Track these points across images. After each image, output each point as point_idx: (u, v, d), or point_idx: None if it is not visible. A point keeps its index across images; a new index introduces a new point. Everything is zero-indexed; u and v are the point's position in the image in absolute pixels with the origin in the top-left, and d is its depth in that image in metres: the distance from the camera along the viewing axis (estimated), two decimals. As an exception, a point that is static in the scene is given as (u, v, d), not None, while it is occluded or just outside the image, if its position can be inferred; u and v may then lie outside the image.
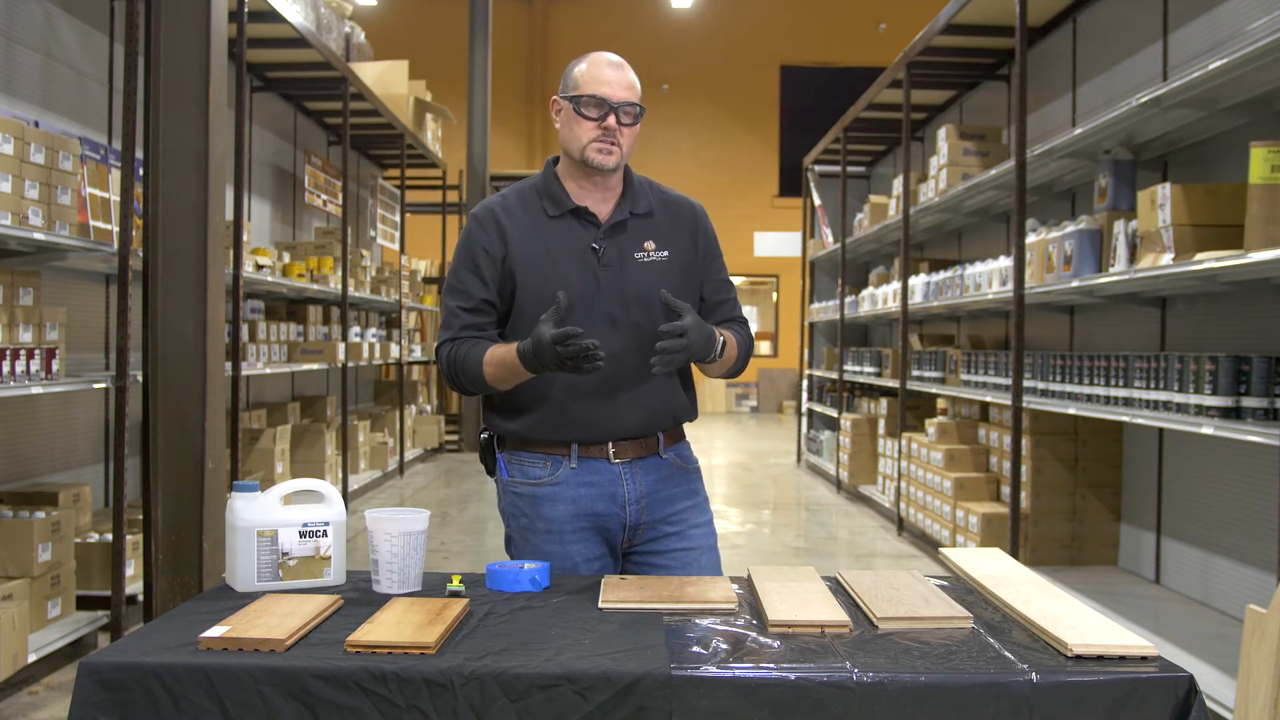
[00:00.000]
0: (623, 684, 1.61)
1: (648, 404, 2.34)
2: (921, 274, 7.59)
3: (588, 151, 2.27)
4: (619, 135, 2.27)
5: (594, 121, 2.25)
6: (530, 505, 2.35)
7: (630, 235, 2.34)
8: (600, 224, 2.32)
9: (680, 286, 2.34)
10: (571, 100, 2.27)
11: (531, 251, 2.30)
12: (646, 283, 2.31)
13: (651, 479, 2.36)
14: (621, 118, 2.26)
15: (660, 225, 2.37)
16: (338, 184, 9.05)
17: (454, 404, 13.32)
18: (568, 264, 2.28)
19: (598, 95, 2.25)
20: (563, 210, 2.32)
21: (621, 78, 2.28)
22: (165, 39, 4.42)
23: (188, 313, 4.43)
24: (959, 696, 1.60)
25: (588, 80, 2.27)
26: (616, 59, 2.32)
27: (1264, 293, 4.21)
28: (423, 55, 12.81)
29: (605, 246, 2.31)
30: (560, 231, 2.31)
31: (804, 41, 19.19)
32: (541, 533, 2.34)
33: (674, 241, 2.37)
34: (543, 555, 2.33)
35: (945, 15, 6.34)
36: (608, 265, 2.30)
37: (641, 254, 2.33)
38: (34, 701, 3.74)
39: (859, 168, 10.83)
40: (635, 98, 2.29)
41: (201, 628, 1.76)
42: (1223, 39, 4.44)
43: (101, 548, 4.50)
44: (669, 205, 2.42)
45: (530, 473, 2.35)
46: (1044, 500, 5.51)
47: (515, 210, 2.34)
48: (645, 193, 2.40)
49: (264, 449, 6.90)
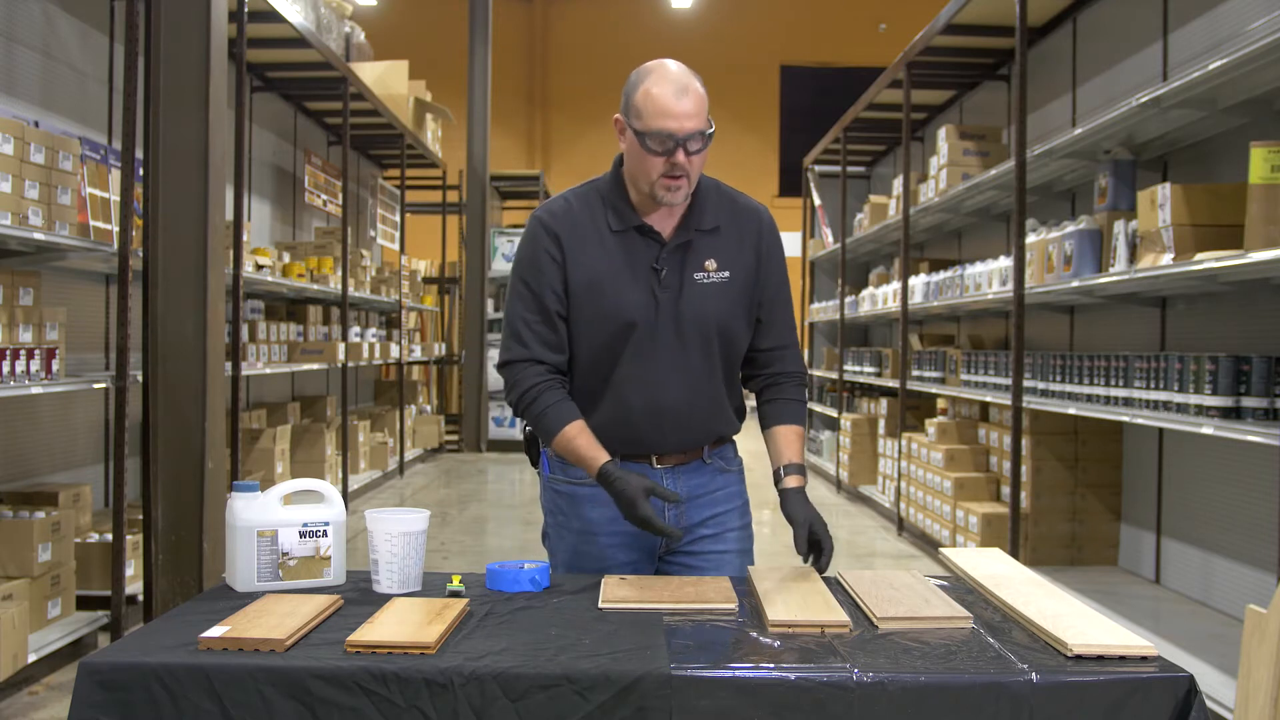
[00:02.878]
0: (623, 684, 1.61)
1: (694, 428, 2.30)
2: (921, 274, 7.59)
3: (656, 189, 2.16)
4: (687, 166, 2.14)
5: (661, 157, 2.13)
6: (569, 504, 2.33)
7: (693, 254, 2.23)
8: (664, 241, 2.23)
9: (737, 307, 2.27)
10: (638, 135, 2.14)
11: (592, 267, 2.21)
12: (706, 306, 2.22)
13: (693, 483, 2.33)
14: (690, 148, 2.13)
15: (726, 241, 2.26)
16: (338, 184, 9.05)
17: (454, 404, 13.33)
18: (628, 284, 2.21)
19: (665, 131, 2.10)
20: (627, 226, 2.23)
21: (688, 106, 2.11)
22: (165, 39, 4.42)
23: (188, 313, 4.43)
24: (959, 696, 1.60)
25: (652, 112, 2.11)
26: (681, 79, 2.13)
27: (1264, 293, 4.21)
28: (423, 55, 12.80)
29: (667, 267, 2.22)
30: (622, 248, 2.22)
31: (804, 41, 19.18)
32: (578, 532, 2.32)
33: (737, 259, 2.26)
34: (577, 554, 2.31)
35: (945, 15, 6.34)
36: (668, 287, 2.21)
37: (701, 274, 2.23)
38: (34, 701, 3.74)
39: (859, 168, 10.82)
40: (703, 123, 2.13)
41: (201, 628, 1.75)
42: (1223, 39, 4.44)
43: (101, 548, 4.49)
44: (736, 215, 2.30)
45: (572, 472, 2.31)
46: (1044, 500, 5.51)
47: (579, 219, 2.24)
48: (713, 202, 2.27)
49: (264, 449, 6.90)
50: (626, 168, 2.24)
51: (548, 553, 2.42)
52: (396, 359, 10.10)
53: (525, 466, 10.96)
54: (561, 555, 2.35)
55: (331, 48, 7.75)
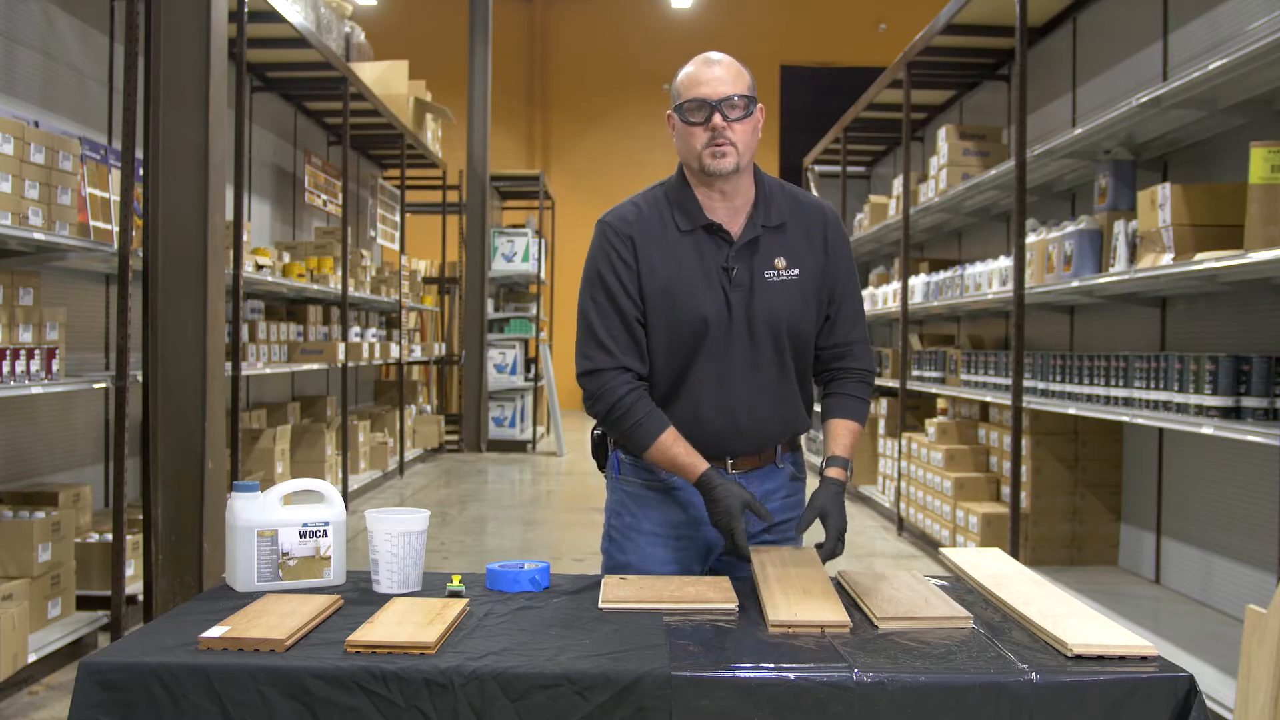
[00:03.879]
0: (623, 684, 1.61)
1: (769, 428, 2.29)
2: (921, 274, 7.59)
3: (703, 159, 2.17)
4: (729, 133, 2.15)
5: (700, 126, 2.16)
6: (638, 505, 2.31)
7: (762, 252, 2.23)
8: (733, 240, 2.22)
9: (808, 305, 2.26)
10: (677, 111, 2.19)
11: (664, 270, 2.21)
12: (777, 304, 2.22)
13: (765, 487, 2.32)
14: (728, 113, 2.15)
15: (793, 239, 2.26)
16: (338, 184, 9.05)
17: (454, 404, 13.32)
18: (701, 285, 2.20)
19: (698, 98, 2.15)
20: (695, 225, 2.22)
21: (720, 73, 2.16)
22: (165, 39, 4.42)
23: (188, 313, 4.43)
24: (959, 696, 1.60)
25: (686, 85, 2.18)
26: (716, 55, 2.20)
27: (1264, 293, 4.21)
28: (423, 55, 12.79)
29: (737, 266, 2.21)
30: (692, 249, 2.21)
31: (804, 41, 19.17)
32: (646, 534, 2.30)
33: (806, 256, 2.26)
34: (643, 557, 2.29)
35: (945, 15, 6.34)
36: (739, 286, 2.21)
37: (771, 272, 2.23)
38: (34, 701, 3.74)
39: (859, 168, 10.83)
40: (741, 89, 2.16)
41: (201, 628, 1.76)
42: (1223, 39, 4.44)
43: (101, 548, 4.49)
44: (801, 212, 2.30)
45: (644, 473, 2.31)
46: (1044, 500, 5.51)
47: (649, 223, 2.24)
48: (778, 200, 2.28)
49: (264, 449, 6.90)
50: (680, 155, 2.25)
51: (604, 556, 2.39)
52: (396, 359, 10.10)
53: (525, 467, 10.96)
54: (630, 557, 2.31)
55: (331, 48, 7.75)
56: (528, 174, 13.96)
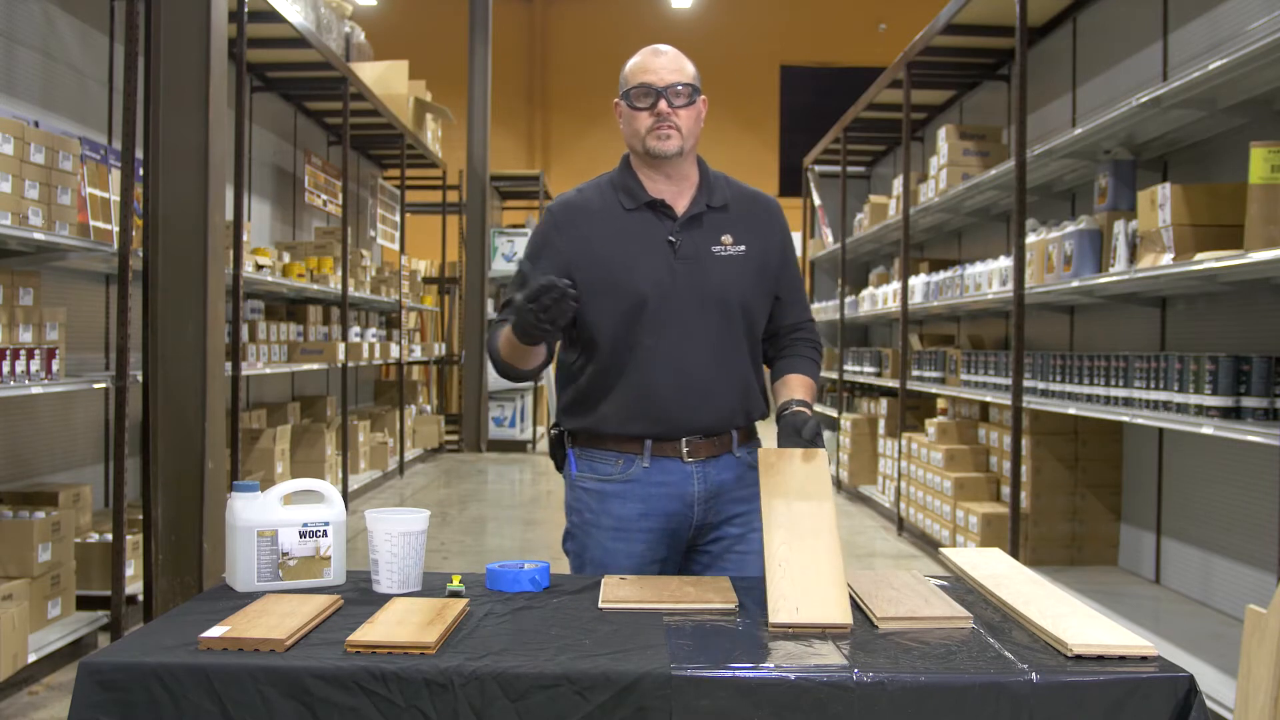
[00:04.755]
0: (623, 684, 1.61)
1: (723, 400, 2.31)
2: (921, 274, 7.59)
3: (648, 141, 2.27)
4: (674, 118, 2.25)
5: (646, 110, 2.26)
6: (598, 500, 2.33)
7: (707, 228, 2.31)
8: (677, 217, 2.31)
9: (756, 282, 2.33)
10: (624, 97, 2.29)
11: (608, 245, 2.28)
12: (724, 277, 2.29)
13: (723, 479, 2.34)
14: (672, 100, 2.25)
15: (737, 219, 2.35)
16: (338, 184, 9.05)
17: (454, 404, 13.33)
18: (644, 257, 2.27)
19: (644, 84, 2.25)
20: (639, 203, 2.31)
21: (666, 62, 2.27)
22: (165, 39, 4.42)
23: (188, 313, 4.43)
24: (959, 696, 1.60)
25: (634, 72, 2.28)
26: (663, 46, 2.32)
27: (1264, 293, 4.21)
28: (423, 55, 12.79)
29: (682, 239, 2.29)
30: (637, 225, 2.30)
31: (804, 41, 19.17)
32: (607, 529, 2.32)
33: (752, 236, 2.34)
34: (604, 552, 2.31)
35: (945, 15, 6.34)
36: (685, 259, 2.28)
37: (719, 248, 2.30)
38: (34, 701, 3.74)
39: (859, 168, 10.82)
40: (685, 78, 2.27)
41: (201, 628, 1.75)
42: (1223, 39, 4.44)
43: (101, 548, 4.49)
44: (746, 199, 2.40)
45: (601, 469, 2.33)
46: (1044, 500, 5.51)
47: (592, 204, 2.34)
48: (721, 185, 2.37)
49: (264, 449, 6.90)
50: (626, 140, 2.34)
51: (569, 556, 2.41)
52: (396, 359, 10.10)
53: (525, 467, 10.96)
54: (591, 553, 2.33)
55: (331, 48, 7.75)
56: (528, 174, 13.96)
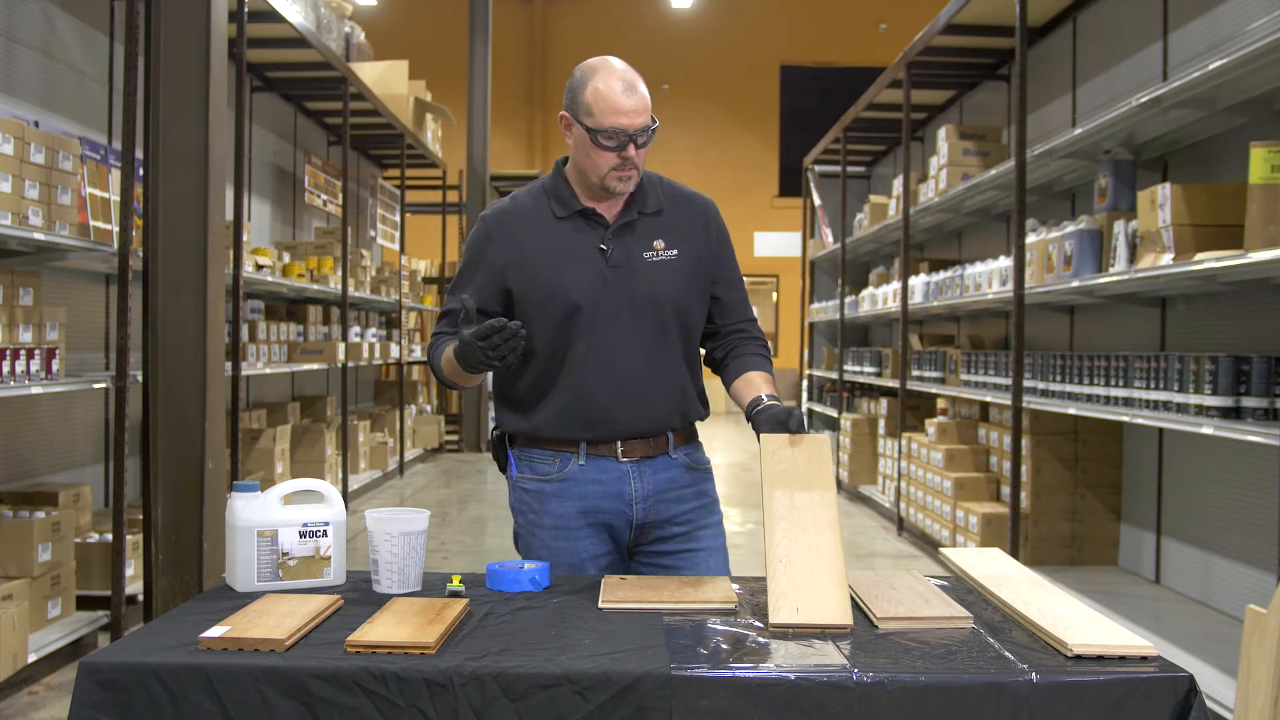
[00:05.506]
0: (623, 684, 1.61)
1: (657, 405, 2.33)
2: (921, 274, 7.59)
3: (608, 180, 2.25)
4: (636, 159, 2.24)
5: (612, 151, 2.22)
6: (538, 501, 2.35)
7: (639, 235, 2.32)
8: (608, 225, 2.31)
9: (690, 285, 2.34)
10: (589, 131, 2.21)
11: (539, 254, 2.29)
12: (656, 282, 2.30)
13: (660, 478, 2.35)
14: (639, 142, 2.22)
15: (670, 223, 2.35)
16: (338, 184, 9.05)
17: (454, 404, 13.32)
18: (576, 265, 2.28)
19: (616, 128, 2.18)
20: (570, 211, 2.31)
21: (637, 103, 2.20)
22: (165, 39, 4.42)
23: (188, 313, 4.43)
24: (959, 696, 1.60)
25: (603, 110, 2.19)
26: (628, 77, 2.22)
27: (1264, 293, 4.21)
28: (423, 55, 12.81)
29: (613, 247, 2.30)
30: (568, 233, 2.30)
31: (804, 41, 19.18)
32: (549, 528, 2.34)
33: (684, 239, 2.35)
34: (549, 551, 2.33)
35: (945, 15, 6.34)
36: (616, 266, 2.29)
37: (650, 253, 2.31)
38: (34, 701, 3.74)
39: (859, 168, 10.82)
40: (649, 117, 2.24)
41: (201, 628, 1.76)
42: (1223, 39, 4.44)
43: (101, 548, 4.49)
44: (679, 202, 2.40)
45: (539, 469, 2.35)
46: (1044, 500, 5.51)
47: (525, 211, 2.34)
48: (655, 190, 2.37)
49: (264, 449, 6.90)
50: (574, 163, 2.32)
51: (520, 555, 2.44)
52: (396, 359, 10.10)
53: (525, 466, 10.95)
54: (537, 553, 2.36)
55: (331, 48, 7.75)
56: (528, 174, 13.96)
